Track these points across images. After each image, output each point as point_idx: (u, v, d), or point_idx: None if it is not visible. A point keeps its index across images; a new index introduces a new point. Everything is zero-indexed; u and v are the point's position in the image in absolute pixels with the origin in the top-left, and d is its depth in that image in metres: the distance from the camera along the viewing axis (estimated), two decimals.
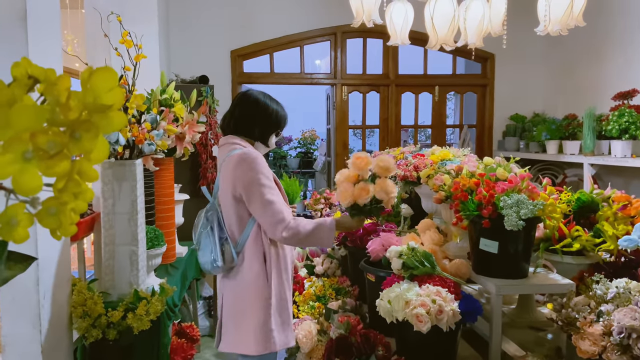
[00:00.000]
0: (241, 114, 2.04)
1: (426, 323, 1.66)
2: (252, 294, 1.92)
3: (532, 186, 1.85)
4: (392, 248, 1.92)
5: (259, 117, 2.04)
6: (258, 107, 2.05)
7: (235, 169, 1.90)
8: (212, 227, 1.94)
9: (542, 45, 5.46)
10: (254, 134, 2.05)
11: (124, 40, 2.29)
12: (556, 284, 1.85)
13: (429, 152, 2.62)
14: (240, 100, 2.09)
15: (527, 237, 1.84)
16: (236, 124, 2.04)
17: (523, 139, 5.06)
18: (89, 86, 0.41)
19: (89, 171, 0.44)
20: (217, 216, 1.96)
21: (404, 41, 2.90)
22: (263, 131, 2.06)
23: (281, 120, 2.11)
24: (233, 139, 2.01)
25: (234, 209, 1.93)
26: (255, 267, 1.92)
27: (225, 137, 2.05)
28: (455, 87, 5.62)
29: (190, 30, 4.96)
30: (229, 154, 1.95)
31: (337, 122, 5.37)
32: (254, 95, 2.08)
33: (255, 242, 1.94)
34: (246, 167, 1.88)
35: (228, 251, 1.91)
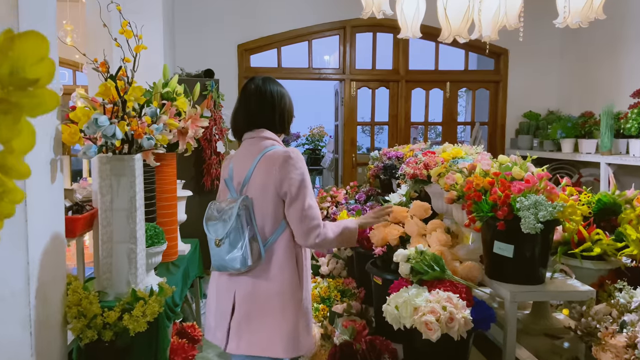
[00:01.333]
0: (262, 107, 1.95)
1: (436, 331, 1.55)
2: (287, 295, 1.83)
3: (551, 186, 1.74)
4: (399, 252, 1.81)
5: (279, 108, 1.95)
6: (280, 98, 1.97)
7: (283, 167, 1.82)
8: (243, 224, 1.84)
9: (557, 41, 5.31)
10: (278, 126, 1.97)
11: (124, 31, 2.21)
12: (575, 291, 1.74)
13: (439, 150, 2.51)
14: (256, 92, 1.97)
15: (545, 241, 1.73)
16: (259, 117, 1.94)
17: (537, 137, 4.93)
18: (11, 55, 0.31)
19: (16, 166, 0.34)
20: (249, 213, 1.86)
21: (415, 34, 2.78)
22: (286, 122, 2.00)
23: (292, 106, 2.06)
24: (264, 133, 1.92)
25: (273, 207, 1.85)
26: (288, 268, 1.85)
27: (253, 131, 1.95)
28: (467, 83, 5.49)
29: (196, 24, 4.87)
30: (268, 149, 1.87)
31: (345, 118, 5.26)
32: (270, 86, 1.99)
33: (289, 241, 1.86)
34: (294, 167, 1.81)
35: (256, 249, 1.83)
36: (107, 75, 2.08)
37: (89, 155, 2.05)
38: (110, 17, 2.37)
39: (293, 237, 1.86)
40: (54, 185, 1.90)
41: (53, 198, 1.89)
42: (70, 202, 2.49)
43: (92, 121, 1.95)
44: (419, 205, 2.17)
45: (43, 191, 1.79)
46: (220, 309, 1.95)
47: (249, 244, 1.80)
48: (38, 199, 1.74)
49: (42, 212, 1.78)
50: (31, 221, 1.68)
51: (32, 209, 1.69)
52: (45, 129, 1.80)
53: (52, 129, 1.87)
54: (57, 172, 1.93)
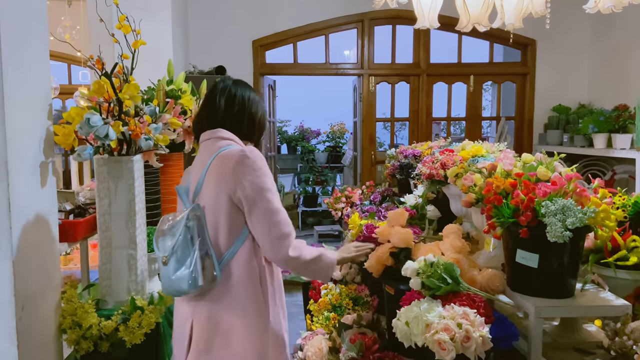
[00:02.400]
0: (230, 106, 1.72)
1: (450, 352, 1.39)
2: (251, 318, 1.61)
3: (581, 189, 1.55)
4: (408, 265, 1.65)
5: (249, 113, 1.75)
6: (252, 103, 1.76)
7: (236, 169, 1.58)
8: (193, 237, 1.60)
9: (588, 30, 5.03)
10: (246, 131, 1.74)
11: (121, 26, 2.10)
12: (608, 306, 1.55)
13: (458, 148, 2.33)
14: (225, 91, 1.76)
15: (574, 249, 1.55)
16: (224, 117, 1.71)
17: (567, 132, 4.66)
18: None
19: None
20: (200, 225, 1.62)
21: (433, 24, 2.60)
22: (256, 130, 1.78)
23: (265, 117, 1.84)
24: (223, 133, 1.69)
25: (227, 217, 1.60)
26: (251, 287, 1.61)
27: (211, 131, 1.71)
28: (492, 76, 5.25)
29: (210, 21, 4.78)
30: (222, 149, 1.64)
31: (364, 114, 5.09)
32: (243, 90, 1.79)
33: (250, 258, 1.62)
34: (250, 168, 1.58)
35: (209, 267, 1.57)
36: (102, 73, 1.98)
37: (84, 157, 1.96)
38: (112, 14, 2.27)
39: (254, 251, 1.62)
40: (45, 190, 1.81)
41: (44, 203, 1.80)
42: (71, 206, 2.41)
43: (85, 121, 1.85)
44: (396, 214, 2.01)
45: (31, 196, 1.70)
46: (178, 341, 1.73)
47: (199, 261, 1.55)
48: (25, 204, 1.65)
49: (31, 218, 1.69)
50: (17, 228, 1.58)
51: (19, 215, 1.60)
52: (32, 130, 1.71)
53: (41, 130, 1.78)
54: (48, 175, 1.84)
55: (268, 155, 5.30)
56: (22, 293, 1.62)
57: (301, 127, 8.87)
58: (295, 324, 3.88)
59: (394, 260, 1.82)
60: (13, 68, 1.55)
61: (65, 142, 1.93)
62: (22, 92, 1.63)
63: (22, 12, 1.64)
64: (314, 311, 2.51)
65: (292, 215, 8.24)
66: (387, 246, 1.86)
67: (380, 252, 1.86)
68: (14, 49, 1.57)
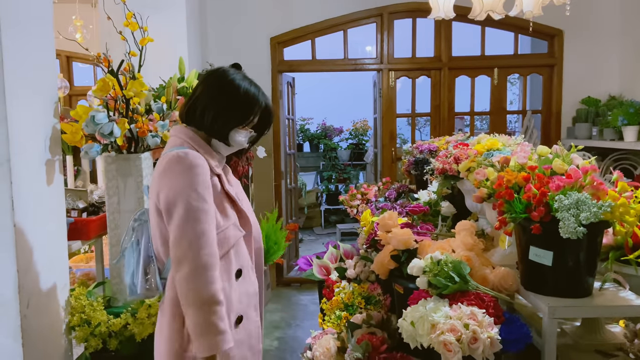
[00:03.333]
0: (197, 96, 1.50)
1: (456, 353, 1.33)
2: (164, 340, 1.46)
3: (598, 182, 1.46)
4: (414, 263, 1.59)
5: (215, 97, 1.46)
6: (219, 84, 1.47)
7: (165, 173, 1.41)
8: (139, 242, 1.49)
9: (618, 18, 4.82)
10: (206, 123, 1.48)
11: (128, 23, 2.10)
12: (628, 306, 1.46)
13: (474, 141, 2.25)
14: (202, 78, 1.55)
15: (592, 246, 1.46)
16: (189, 109, 1.51)
17: (596, 125, 4.48)
18: None
19: None
20: (147, 229, 1.51)
21: (448, 14, 2.52)
22: (218, 119, 1.47)
23: (251, 108, 1.49)
24: (179, 131, 1.50)
25: (156, 224, 1.46)
26: (172, 304, 1.43)
27: (173, 128, 1.55)
28: (518, 68, 5.08)
29: (227, 19, 4.77)
30: (167, 151, 1.47)
31: (384, 110, 5.01)
32: (222, 71, 1.52)
33: None
34: (175, 174, 1.38)
35: (151, 275, 1.47)
36: (108, 70, 1.98)
37: (91, 155, 1.96)
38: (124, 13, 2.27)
39: None
40: (52, 187, 1.81)
41: (51, 201, 1.81)
42: (85, 204, 2.42)
43: (90, 119, 1.85)
44: (384, 220, 1.94)
45: (36, 194, 1.71)
46: None
47: (141, 268, 1.45)
48: (30, 202, 1.66)
49: (36, 215, 1.70)
50: (21, 226, 1.59)
51: (22, 213, 1.60)
52: (36, 129, 1.72)
53: (47, 128, 1.79)
54: (54, 173, 1.84)
55: (287, 153, 5.27)
56: (27, 290, 1.63)
57: (323, 125, 8.83)
58: (310, 322, 3.85)
59: (397, 263, 1.75)
60: (16, 67, 1.56)
61: (72, 140, 1.94)
62: (26, 90, 1.63)
63: (26, 11, 1.64)
64: (326, 310, 2.46)
65: (314, 214, 8.20)
66: (388, 249, 1.80)
67: (382, 256, 1.80)
68: (17, 48, 1.57)
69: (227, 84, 1.47)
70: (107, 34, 2.53)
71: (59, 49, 5.28)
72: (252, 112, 1.51)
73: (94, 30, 3.41)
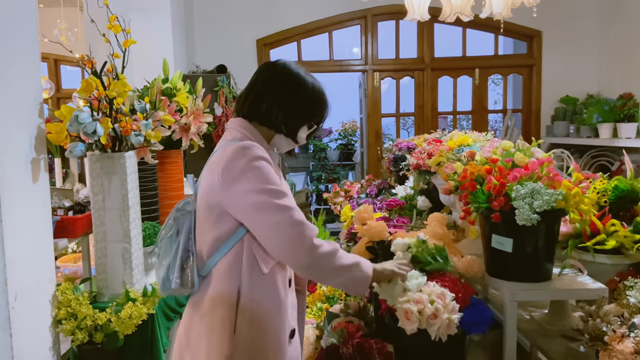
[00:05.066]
0: (261, 90, 1.44)
1: (413, 323, 1.41)
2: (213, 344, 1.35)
3: (555, 173, 1.55)
4: (398, 241, 1.68)
5: (288, 95, 1.43)
6: (288, 82, 1.44)
7: (228, 167, 1.33)
8: (179, 233, 1.43)
9: (595, 19, 4.95)
10: (274, 120, 1.43)
11: (112, 26, 2.17)
12: (584, 289, 1.55)
13: (447, 138, 2.34)
14: (263, 70, 1.49)
15: (549, 233, 1.55)
16: (251, 103, 1.44)
17: (573, 122, 4.60)
18: None
19: None
20: (189, 220, 1.44)
21: (423, 16, 2.62)
22: (290, 117, 1.44)
23: (321, 106, 1.48)
24: (239, 124, 1.44)
25: (213, 220, 1.38)
26: (221, 307, 1.36)
27: (231, 120, 1.48)
28: (498, 68, 5.21)
29: (214, 21, 4.85)
30: (226, 143, 1.41)
31: (369, 110, 5.11)
32: (285, 65, 1.47)
33: (230, 270, 1.37)
34: (244, 166, 1.32)
35: (189, 272, 1.39)
36: (91, 71, 2.05)
37: (76, 153, 2.02)
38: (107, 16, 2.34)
39: (239, 266, 1.36)
40: (37, 185, 1.88)
41: (36, 198, 1.87)
42: (71, 202, 2.49)
43: (73, 118, 1.92)
44: (360, 212, 2.01)
45: (22, 191, 1.77)
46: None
47: (178, 261, 1.39)
48: (16, 199, 1.72)
49: (22, 212, 1.76)
50: (7, 222, 1.66)
51: (9, 209, 1.67)
52: (22, 128, 1.78)
53: (32, 127, 1.85)
54: (40, 171, 1.91)
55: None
56: (14, 283, 1.69)
57: None
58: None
59: (372, 254, 1.84)
60: (2, 70, 1.63)
61: (57, 139, 2.00)
62: (10, 91, 1.70)
63: (9, 11, 1.71)
64: (308, 303, 2.55)
65: (304, 213, 8.26)
66: (364, 241, 1.89)
67: (359, 247, 1.89)
68: (1, 49, 1.64)
69: (295, 81, 1.44)
70: (92, 36, 2.60)
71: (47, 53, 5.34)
72: (324, 111, 1.50)
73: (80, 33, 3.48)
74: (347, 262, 1.36)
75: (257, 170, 1.33)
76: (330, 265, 1.32)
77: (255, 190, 1.31)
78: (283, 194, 1.33)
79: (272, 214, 1.29)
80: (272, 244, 1.32)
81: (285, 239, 1.29)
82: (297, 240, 1.29)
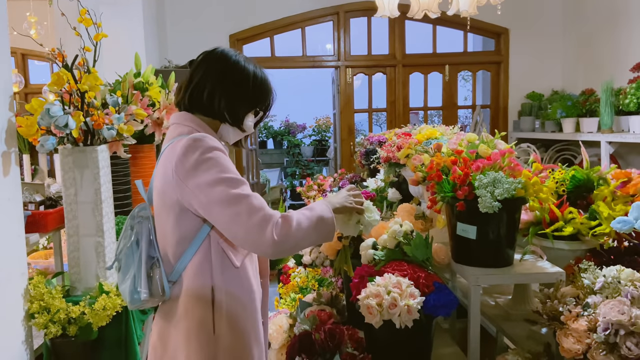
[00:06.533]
0: (201, 79, 1.39)
1: (376, 316, 1.48)
2: (192, 348, 1.32)
3: (515, 163, 1.63)
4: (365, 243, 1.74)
5: (228, 82, 1.38)
6: (227, 68, 1.39)
7: (182, 162, 1.28)
8: (139, 241, 1.36)
9: (560, 18, 5.12)
10: (217, 109, 1.39)
11: (83, 19, 2.16)
12: (543, 273, 1.64)
13: (416, 131, 2.42)
14: (200, 61, 1.43)
15: (510, 221, 1.63)
16: (192, 93, 1.39)
17: (539, 117, 4.76)
18: None
19: None
20: (148, 226, 1.37)
21: (393, 12, 2.68)
22: (233, 105, 1.39)
23: (263, 91, 1.44)
24: (184, 118, 1.39)
25: (174, 220, 1.32)
26: (196, 310, 1.32)
27: (174, 115, 1.43)
28: (467, 65, 5.33)
29: (187, 16, 4.83)
30: (173, 139, 1.35)
31: (342, 106, 5.17)
32: (223, 52, 1.42)
33: (200, 271, 1.33)
34: (197, 159, 1.27)
35: (157, 279, 1.33)
36: (62, 65, 2.04)
37: (47, 147, 2.02)
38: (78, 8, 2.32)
39: (208, 265, 1.33)
40: (8, 179, 1.87)
41: (7, 192, 1.86)
42: (42, 197, 2.47)
43: (45, 112, 1.91)
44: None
45: None
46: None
47: (145, 272, 1.33)
48: None
49: None
50: None
51: None
52: None
53: (2, 120, 1.84)
54: (10, 164, 1.90)
55: (250, 148, 5.36)
56: None
57: (287, 122, 8.94)
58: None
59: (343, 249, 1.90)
60: None
61: (28, 133, 1.99)
62: None
63: None
64: (282, 293, 2.59)
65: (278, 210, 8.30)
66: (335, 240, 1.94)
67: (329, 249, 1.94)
68: None
69: (235, 67, 1.40)
70: (62, 30, 2.57)
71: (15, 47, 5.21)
72: (268, 97, 1.46)
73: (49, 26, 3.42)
74: (308, 223, 1.30)
75: (211, 161, 1.28)
76: (295, 240, 1.27)
77: (211, 182, 1.26)
78: (240, 182, 1.29)
79: (230, 206, 1.25)
80: (236, 236, 1.27)
81: (247, 229, 1.24)
82: (259, 228, 1.24)
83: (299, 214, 1.31)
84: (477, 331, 1.63)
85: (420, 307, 1.49)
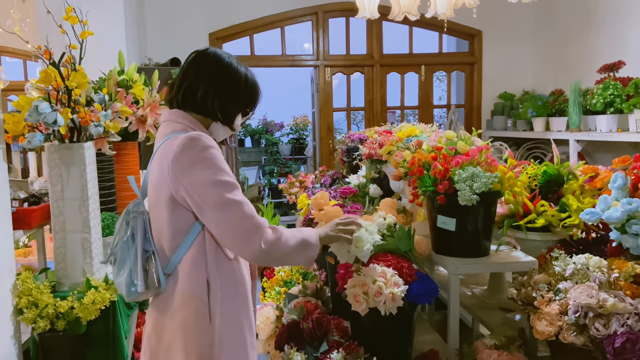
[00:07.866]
0: (195, 78, 1.44)
1: (362, 304, 1.56)
2: (188, 339, 1.36)
3: (492, 159, 1.73)
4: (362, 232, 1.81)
5: (222, 82, 1.44)
6: (221, 69, 1.45)
7: (178, 159, 1.33)
8: (134, 235, 1.40)
9: (531, 21, 5.30)
10: (210, 108, 1.44)
11: (68, 17, 2.18)
12: (517, 262, 1.74)
13: (396, 129, 2.51)
14: (193, 60, 1.48)
15: (487, 213, 1.73)
16: (185, 92, 1.44)
17: (511, 117, 4.93)
18: None
19: None
20: (143, 221, 1.41)
21: (373, 14, 2.76)
22: (226, 105, 1.45)
23: (254, 92, 1.51)
24: (177, 115, 1.43)
25: (168, 215, 1.37)
26: (193, 301, 1.37)
27: (167, 112, 1.47)
28: (442, 65, 5.47)
29: (166, 14, 4.83)
30: (168, 136, 1.39)
31: (321, 104, 5.24)
32: (216, 53, 1.48)
33: (195, 264, 1.37)
34: (194, 157, 1.32)
35: (153, 272, 1.37)
36: (50, 62, 2.05)
37: (34, 144, 2.03)
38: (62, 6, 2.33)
39: (203, 257, 1.37)
40: None
41: None
42: (26, 194, 2.47)
43: (33, 108, 1.93)
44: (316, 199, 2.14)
45: None
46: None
47: (141, 265, 1.37)
48: None
49: None
50: None
51: None
52: None
53: None
54: None
55: (231, 146, 5.39)
56: None
57: (264, 120, 8.96)
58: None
59: None
60: None
61: (15, 130, 2.00)
62: None
63: None
64: (266, 288, 2.65)
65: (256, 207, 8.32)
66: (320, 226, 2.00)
67: None
68: None
69: (229, 69, 1.46)
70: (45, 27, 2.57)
71: None
72: (257, 98, 1.53)
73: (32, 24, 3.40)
74: (294, 242, 1.37)
75: (207, 161, 1.32)
76: (280, 253, 1.35)
77: (206, 183, 1.31)
78: (233, 186, 1.34)
79: (223, 210, 1.30)
80: (224, 239, 1.33)
81: (236, 234, 1.30)
82: (247, 235, 1.30)
83: (288, 232, 1.40)
84: (456, 317, 1.73)
85: (404, 295, 1.57)
